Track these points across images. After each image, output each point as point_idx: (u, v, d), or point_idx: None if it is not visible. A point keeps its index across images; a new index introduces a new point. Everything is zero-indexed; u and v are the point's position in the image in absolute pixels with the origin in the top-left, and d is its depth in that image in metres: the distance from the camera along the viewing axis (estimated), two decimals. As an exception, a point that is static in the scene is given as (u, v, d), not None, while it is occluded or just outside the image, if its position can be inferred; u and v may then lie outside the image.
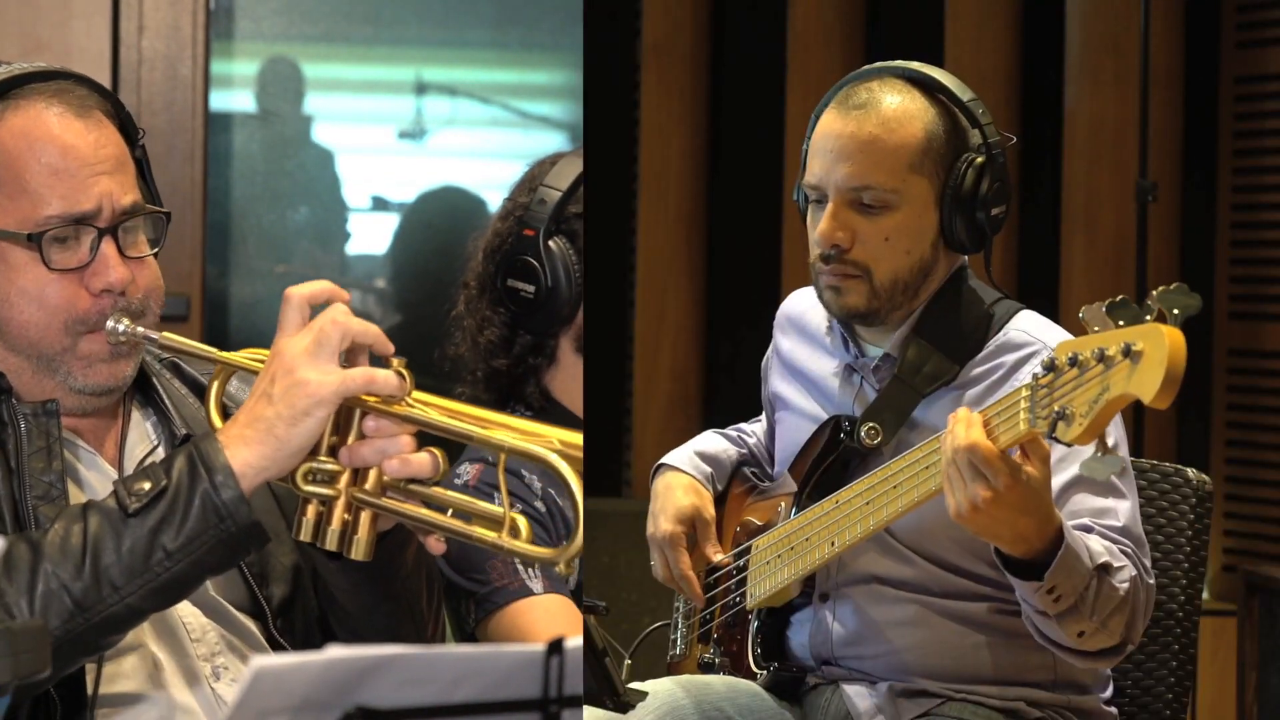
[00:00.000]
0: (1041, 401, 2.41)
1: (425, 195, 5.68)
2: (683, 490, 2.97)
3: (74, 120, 2.46)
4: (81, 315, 2.46)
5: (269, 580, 2.55)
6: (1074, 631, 2.60)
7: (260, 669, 1.68)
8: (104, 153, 2.47)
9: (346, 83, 5.83)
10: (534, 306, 3.18)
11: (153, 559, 2.28)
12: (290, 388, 2.31)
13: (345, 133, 5.78)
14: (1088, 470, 2.39)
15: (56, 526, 2.30)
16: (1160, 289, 2.32)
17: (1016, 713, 2.78)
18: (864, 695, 2.79)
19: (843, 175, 2.76)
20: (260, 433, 2.31)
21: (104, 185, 2.46)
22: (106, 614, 2.28)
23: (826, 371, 2.92)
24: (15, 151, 2.45)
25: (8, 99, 2.47)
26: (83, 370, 2.48)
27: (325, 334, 2.34)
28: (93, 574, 2.27)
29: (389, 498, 2.37)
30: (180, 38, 4.87)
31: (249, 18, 5.44)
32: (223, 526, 2.29)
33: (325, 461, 2.36)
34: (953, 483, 2.50)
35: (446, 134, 5.76)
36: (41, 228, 2.43)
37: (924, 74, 2.81)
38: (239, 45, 5.46)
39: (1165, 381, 2.26)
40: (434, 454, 2.37)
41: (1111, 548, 2.64)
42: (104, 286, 2.46)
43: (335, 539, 2.37)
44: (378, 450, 2.36)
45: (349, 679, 1.72)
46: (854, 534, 2.70)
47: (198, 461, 2.30)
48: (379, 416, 2.35)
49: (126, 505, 2.29)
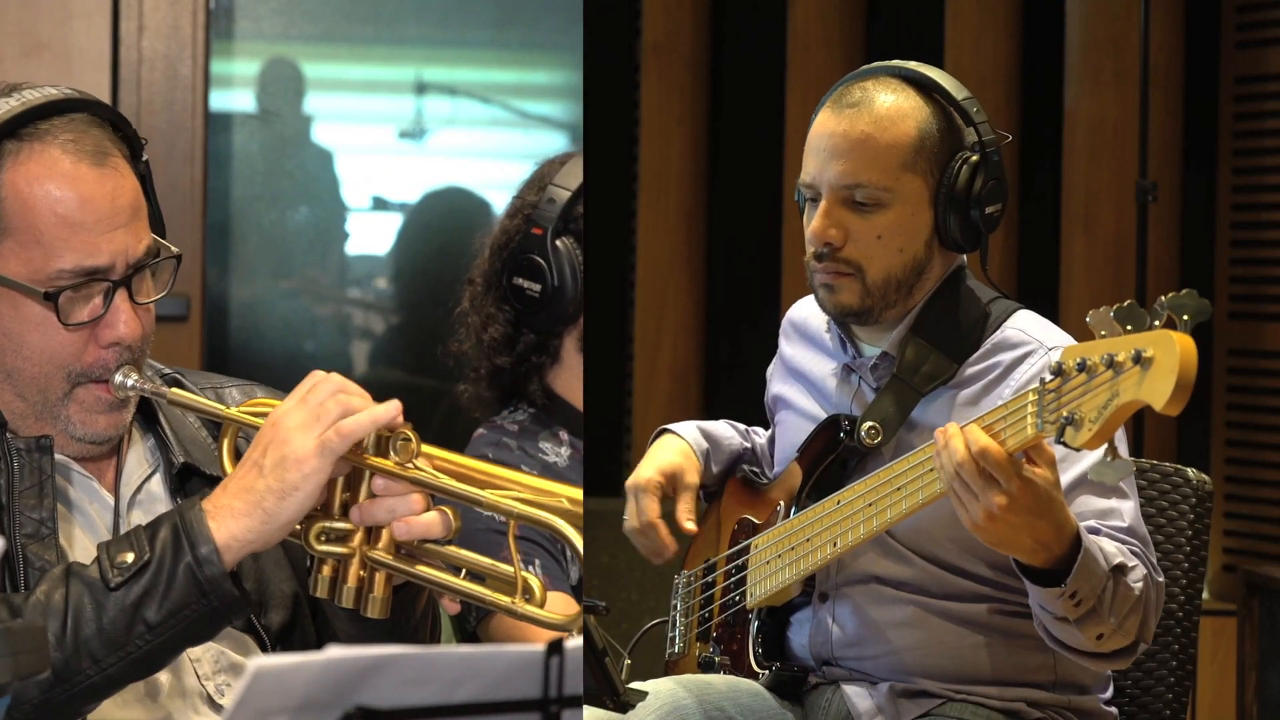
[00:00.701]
0: (1049, 406, 2.40)
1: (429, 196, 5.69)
2: (674, 451, 2.98)
3: (89, 169, 2.41)
4: (86, 368, 2.44)
5: (268, 607, 2.54)
6: (1093, 635, 2.60)
7: (260, 669, 1.68)
8: (120, 203, 2.43)
9: (346, 82, 5.83)
10: (539, 305, 3.18)
11: (133, 632, 2.27)
12: (280, 460, 2.29)
13: (345, 133, 5.78)
14: (1097, 475, 2.39)
15: (38, 593, 2.28)
16: (1170, 295, 2.30)
17: (1017, 713, 2.78)
18: (864, 695, 2.79)
19: (835, 173, 2.76)
20: (249, 505, 2.29)
21: (120, 240, 2.42)
22: (85, 685, 2.27)
23: (825, 372, 2.92)
24: (30, 200, 2.40)
25: (21, 140, 2.41)
26: (82, 420, 2.46)
27: (324, 409, 2.32)
28: (73, 645, 2.25)
29: (402, 557, 2.36)
30: (180, 38, 4.87)
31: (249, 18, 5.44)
32: (205, 602, 2.28)
33: (337, 520, 2.36)
34: (962, 496, 2.50)
35: (447, 134, 5.76)
36: (54, 280, 2.39)
37: (919, 73, 2.81)
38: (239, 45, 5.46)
39: (1177, 389, 2.25)
40: (445, 513, 2.36)
41: (1122, 548, 2.64)
42: (114, 340, 2.43)
43: (351, 597, 2.36)
44: (388, 510, 2.35)
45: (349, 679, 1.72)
46: (856, 535, 2.70)
47: (182, 535, 2.28)
48: (387, 477, 2.35)
49: (109, 579, 2.27)
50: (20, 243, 2.40)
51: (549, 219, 3.18)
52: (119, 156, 2.45)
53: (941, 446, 2.51)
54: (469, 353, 3.26)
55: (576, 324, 3.21)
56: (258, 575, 2.54)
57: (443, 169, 5.75)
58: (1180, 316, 2.29)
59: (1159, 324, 2.29)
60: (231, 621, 2.33)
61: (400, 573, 2.35)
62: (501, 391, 3.25)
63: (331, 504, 2.36)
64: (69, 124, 2.43)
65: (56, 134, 2.42)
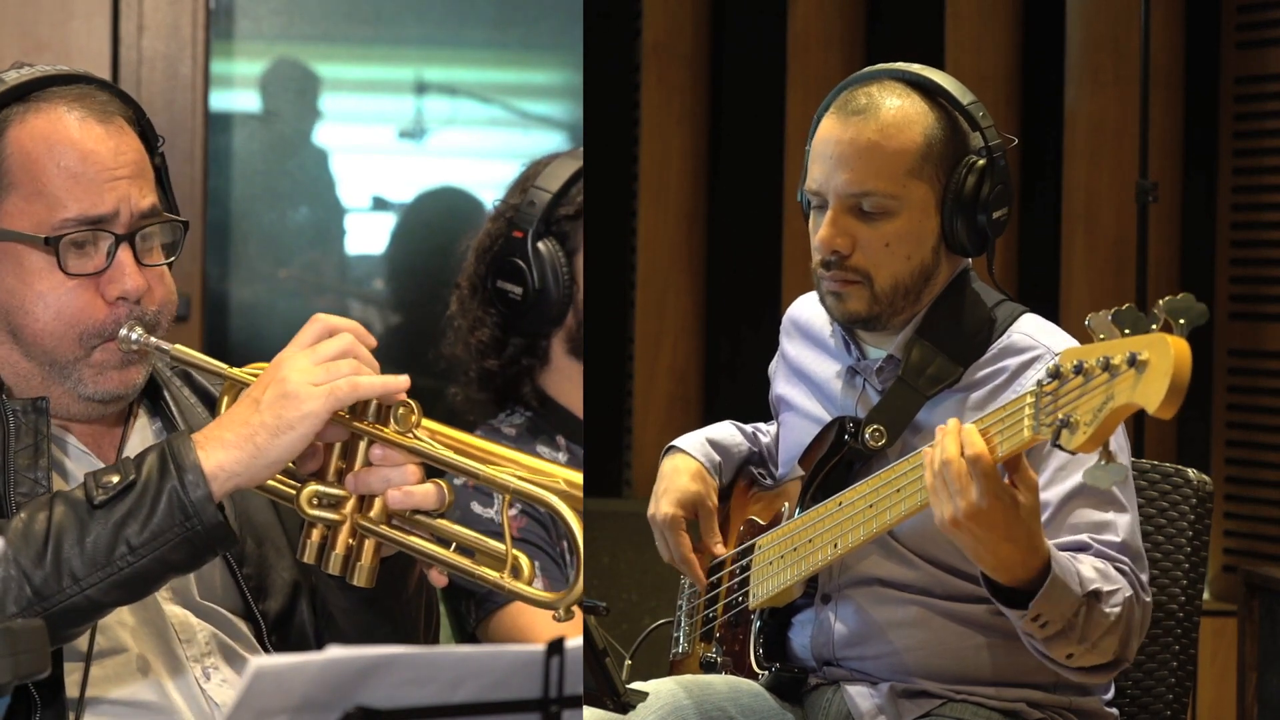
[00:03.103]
0: (1045, 409, 2.40)
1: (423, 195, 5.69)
2: (689, 475, 2.97)
3: (95, 125, 2.44)
4: (97, 326, 2.43)
5: (267, 594, 2.54)
6: (1062, 653, 2.62)
7: (260, 668, 1.68)
8: (124, 158, 2.45)
9: (346, 82, 5.83)
10: (522, 308, 3.18)
11: (115, 552, 2.25)
12: (279, 398, 2.29)
13: (345, 132, 5.78)
14: (1090, 479, 2.38)
15: (22, 514, 2.28)
16: (1167, 298, 2.30)
17: (1017, 714, 2.77)
18: (865, 696, 2.78)
19: (842, 182, 2.75)
20: (240, 437, 2.29)
21: (122, 189, 2.43)
22: (65, 604, 2.24)
23: (829, 374, 2.92)
24: (34, 154, 2.42)
25: (28, 101, 2.44)
26: (93, 377, 2.45)
27: (324, 349, 2.32)
28: (54, 563, 2.24)
29: (393, 527, 2.36)
30: (180, 37, 4.87)
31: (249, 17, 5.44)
32: (188, 525, 2.26)
33: (331, 486, 2.36)
34: (939, 492, 2.51)
35: (446, 134, 5.76)
36: (58, 231, 2.41)
37: (924, 77, 2.80)
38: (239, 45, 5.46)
39: (1170, 392, 2.25)
40: (439, 486, 2.35)
41: (1106, 569, 2.63)
42: (119, 294, 2.43)
43: (339, 564, 2.36)
44: (383, 478, 2.34)
45: (349, 679, 1.72)
46: (857, 536, 2.70)
47: (169, 458, 2.27)
48: (385, 445, 2.35)
49: (93, 496, 2.26)
50: (24, 196, 2.42)
51: (530, 221, 3.18)
52: (124, 119, 2.47)
53: (937, 440, 2.51)
54: (459, 355, 3.26)
55: (563, 326, 3.20)
56: (259, 562, 2.54)
57: (443, 169, 5.75)
58: (1177, 320, 2.29)
59: (1156, 328, 2.29)
60: (215, 551, 2.31)
61: (390, 541, 2.35)
62: (493, 394, 3.24)
63: (326, 469, 2.36)
64: (75, 88, 2.47)
65: (64, 95, 2.45)
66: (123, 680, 2.42)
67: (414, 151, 5.75)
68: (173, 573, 2.31)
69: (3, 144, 2.43)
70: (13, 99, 2.44)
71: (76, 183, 2.42)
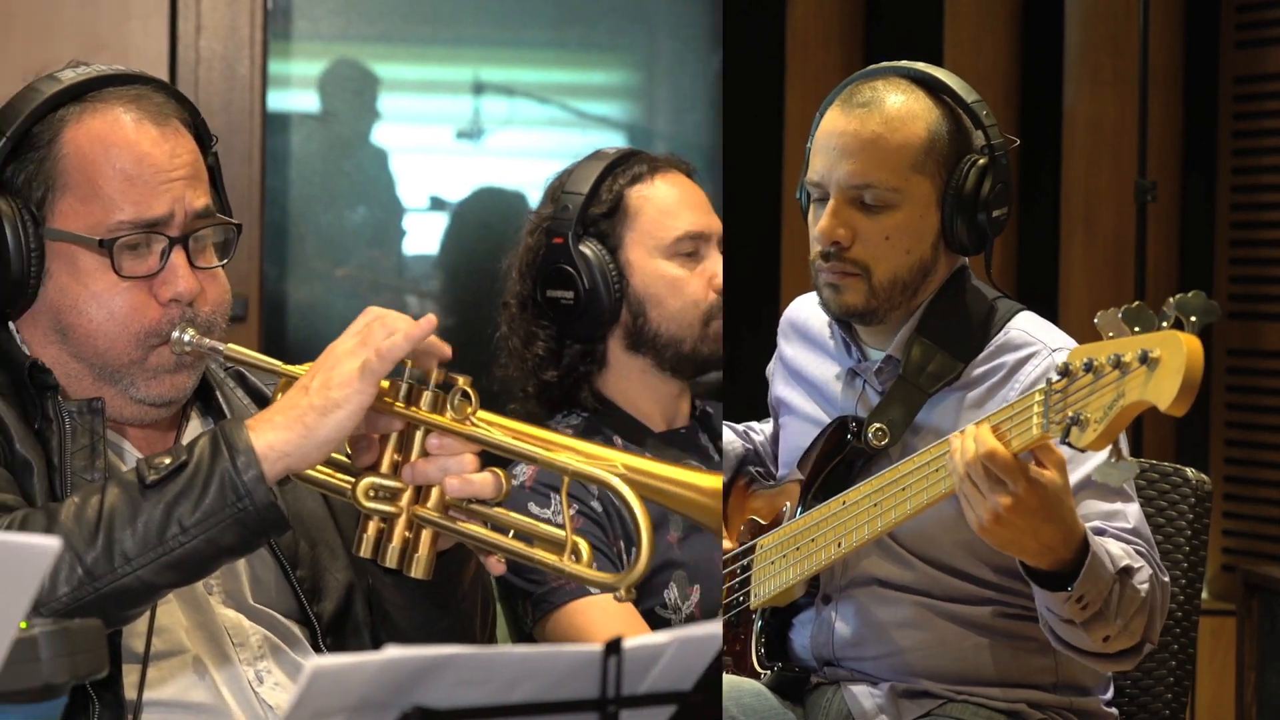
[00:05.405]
0: (1055, 406, 2.40)
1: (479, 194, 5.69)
2: None
3: (151, 127, 2.44)
4: (152, 328, 2.43)
5: (321, 595, 2.53)
6: (1099, 636, 2.60)
7: (318, 669, 1.67)
8: (179, 160, 2.44)
9: (404, 83, 5.84)
10: (576, 312, 3.17)
11: (168, 533, 2.24)
12: (326, 381, 2.29)
13: (403, 133, 5.79)
14: (1102, 476, 2.38)
15: (75, 497, 2.28)
16: (1178, 296, 2.30)
17: (1018, 714, 2.78)
18: (866, 695, 2.79)
19: (844, 173, 2.75)
20: (290, 419, 2.28)
21: (177, 192, 2.43)
22: (116, 585, 2.24)
23: (829, 376, 2.92)
24: (90, 156, 2.42)
25: (85, 101, 2.44)
26: (146, 381, 2.45)
27: (370, 330, 2.32)
28: (105, 543, 2.23)
29: (450, 517, 2.35)
30: (238, 38, 4.89)
31: (306, 18, 5.46)
32: (240, 505, 2.25)
33: (388, 478, 2.35)
34: (970, 497, 2.50)
35: (504, 134, 5.77)
36: (113, 233, 2.41)
37: (929, 74, 2.81)
38: (296, 45, 5.47)
39: (1182, 389, 2.25)
40: (497, 474, 2.34)
41: (1128, 549, 2.63)
42: (172, 296, 2.43)
43: (395, 556, 2.35)
44: (440, 468, 2.34)
45: (406, 679, 1.71)
46: (860, 536, 2.70)
47: (220, 441, 2.27)
48: (442, 434, 2.34)
49: (145, 477, 2.26)
50: (80, 198, 2.42)
51: (567, 226, 3.18)
52: (180, 122, 2.47)
53: (954, 448, 2.51)
54: (514, 376, 3.26)
55: (618, 324, 3.19)
56: (313, 564, 2.54)
57: (500, 169, 5.76)
58: (1188, 317, 2.28)
59: (1166, 325, 2.28)
60: (267, 534, 2.31)
61: (448, 531, 2.34)
62: (551, 407, 3.24)
63: (382, 462, 2.35)
64: (131, 89, 2.47)
65: (120, 96, 2.45)
66: (178, 682, 2.42)
67: (472, 152, 5.76)
68: (225, 555, 2.30)
69: (59, 144, 2.43)
70: (69, 99, 2.44)
71: (131, 185, 2.41)
